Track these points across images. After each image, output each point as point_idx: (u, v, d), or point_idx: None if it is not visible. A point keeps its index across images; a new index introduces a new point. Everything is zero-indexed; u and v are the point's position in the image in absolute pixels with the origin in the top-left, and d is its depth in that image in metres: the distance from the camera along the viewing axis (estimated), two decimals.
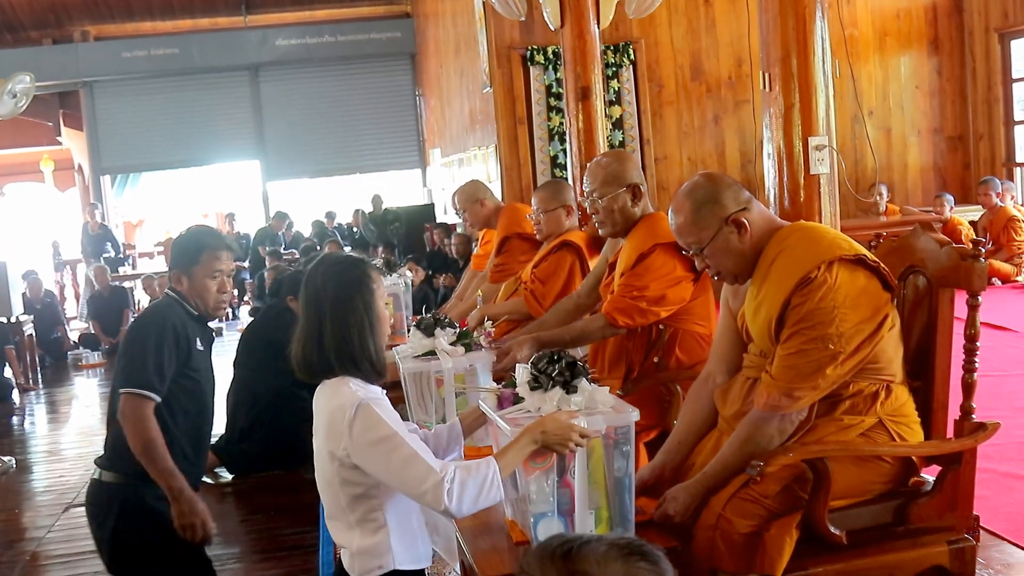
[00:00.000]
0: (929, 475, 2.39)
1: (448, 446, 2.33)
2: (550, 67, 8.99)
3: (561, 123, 8.90)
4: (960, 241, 7.19)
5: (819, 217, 3.73)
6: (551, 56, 8.91)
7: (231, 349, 5.94)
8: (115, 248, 12.98)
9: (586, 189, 3.38)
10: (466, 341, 3.00)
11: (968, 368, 2.37)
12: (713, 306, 3.22)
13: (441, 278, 8.51)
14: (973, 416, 2.36)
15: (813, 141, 3.71)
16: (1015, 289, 8.03)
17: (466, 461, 2.06)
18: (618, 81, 9.23)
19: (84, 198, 15.18)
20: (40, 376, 9.31)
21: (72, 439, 6.99)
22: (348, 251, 6.92)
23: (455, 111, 11.65)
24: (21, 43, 14.11)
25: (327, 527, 2.18)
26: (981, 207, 8.87)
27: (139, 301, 11.53)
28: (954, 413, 2.38)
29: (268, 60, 14.25)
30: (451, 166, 11.98)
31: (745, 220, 2.35)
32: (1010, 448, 3.94)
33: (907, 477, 2.36)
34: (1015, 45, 9.76)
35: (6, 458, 6.07)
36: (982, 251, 2.31)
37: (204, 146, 14.50)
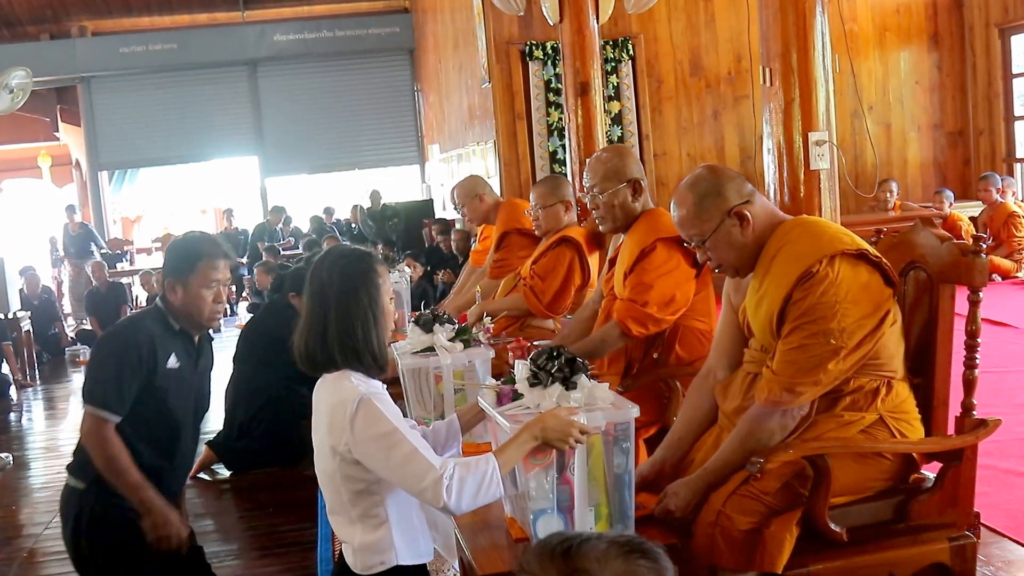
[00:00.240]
0: (930, 472, 2.38)
1: (446, 442, 2.33)
2: (549, 62, 8.97)
3: (560, 118, 8.88)
4: (960, 237, 7.16)
5: (819, 212, 3.73)
6: (550, 51, 8.88)
7: (229, 345, 5.92)
8: (98, 246, 12.89)
9: (586, 184, 3.37)
10: (465, 337, 2.99)
11: (969, 364, 2.36)
12: (713, 302, 3.21)
13: (440, 274, 8.49)
14: (974, 412, 2.35)
15: (813, 136, 3.70)
16: (1015, 285, 8.01)
17: (465, 458, 2.05)
18: (617, 76, 9.20)
19: (82, 194, 15.15)
20: (37, 372, 9.30)
21: (69, 435, 6.96)
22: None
23: (454, 106, 11.63)
24: (18, 38, 14.08)
25: (329, 521, 2.16)
26: (981, 203, 8.84)
27: (137, 297, 11.53)
28: (955, 409, 2.37)
29: (266, 55, 14.20)
30: (450, 162, 11.96)
31: (748, 213, 2.34)
32: (1011, 445, 3.93)
33: (908, 474, 2.35)
34: (1015, 40, 9.74)
35: (3, 454, 6.03)
36: (983, 247, 2.30)
37: (202, 142, 14.45)
